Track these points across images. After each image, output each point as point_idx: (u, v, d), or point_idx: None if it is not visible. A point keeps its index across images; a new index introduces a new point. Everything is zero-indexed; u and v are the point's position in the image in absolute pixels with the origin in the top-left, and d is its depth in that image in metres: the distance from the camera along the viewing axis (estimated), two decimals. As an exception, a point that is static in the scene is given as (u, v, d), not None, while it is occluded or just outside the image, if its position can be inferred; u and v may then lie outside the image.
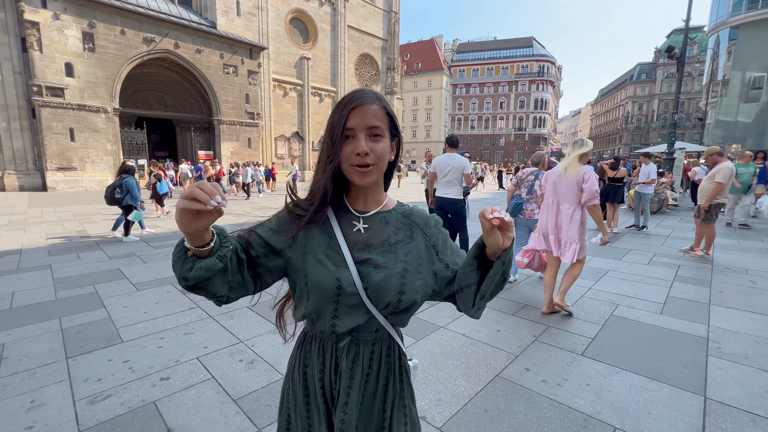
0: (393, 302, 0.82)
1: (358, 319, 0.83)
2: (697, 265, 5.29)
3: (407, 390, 0.94)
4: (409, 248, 0.87)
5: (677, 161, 14.14)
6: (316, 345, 0.88)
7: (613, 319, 3.40)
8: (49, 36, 15.18)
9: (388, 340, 0.90)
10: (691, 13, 12.81)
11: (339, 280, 0.80)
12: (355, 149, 0.79)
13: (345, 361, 0.86)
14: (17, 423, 1.98)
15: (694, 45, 52.01)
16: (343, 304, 0.82)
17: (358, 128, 0.79)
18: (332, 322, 0.83)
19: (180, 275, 0.73)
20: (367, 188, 0.87)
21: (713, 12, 32.19)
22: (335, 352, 0.87)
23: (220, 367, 2.56)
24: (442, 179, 4.95)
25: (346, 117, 0.79)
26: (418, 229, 0.90)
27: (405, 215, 0.92)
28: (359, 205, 0.89)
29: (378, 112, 0.81)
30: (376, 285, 0.81)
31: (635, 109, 64.11)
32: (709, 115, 31.94)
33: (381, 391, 0.88)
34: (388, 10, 30.68)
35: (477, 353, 2.77)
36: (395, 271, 0.82)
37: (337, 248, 0.84)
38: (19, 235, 7.08)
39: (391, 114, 0.85)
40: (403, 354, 0.95)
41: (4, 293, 3.96)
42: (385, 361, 0.89)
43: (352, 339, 0.86)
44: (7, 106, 15.61)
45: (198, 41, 19.37)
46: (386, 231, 0.88)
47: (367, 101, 0.81)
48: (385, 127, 0.82)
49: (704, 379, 2.43)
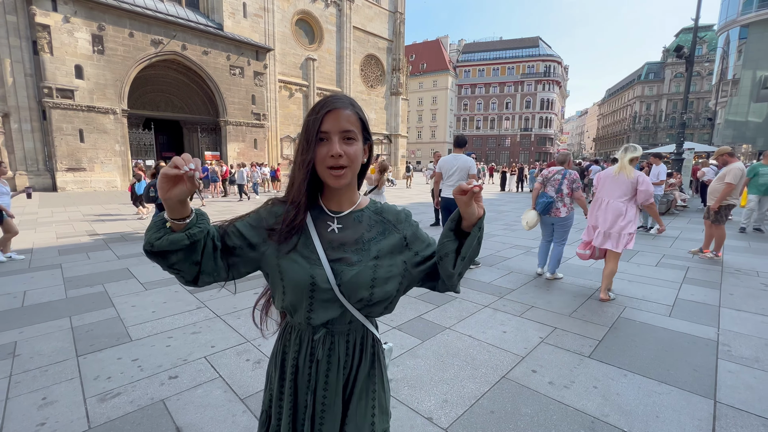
0: (365, 297, 0.87)
1: (332, 313, 0.88)
2: (706, 267, 5.22)
3: (378, 377, 0.97)
4: (381, 245, 0.92)
5: (686, 162, 13.97)
6: (295, 335, 0.94)
7: (620, 321, 3.37)
8: (59, 39, 15.41)
9: (362, 330, 0.95)
10: (700, 11, 12.67)
11: (313, 278, 0.85)
12: (329, 151, 0.83)
13: (321, 351, 0.91)
14: (30, 419, 2.02)
15: (704, 44, 51.35)
16: (317, 299, 0.86)
17: (332, 131, 0.83)
18: (307, 315, 0.88)
19: (147, 240, 0.78)
20: (341, 189, 0.91)
21: (723, 10, 31.78)
22: (311, 342, 0.92)
23: (227, 366, 2.58)
24: (447, 180, 4.93)
25: (321, 120, 0.83)
26: (391, 225, 0.95)
27: (377, 213, 0.97)
28: (333, 206, 0.94)
29: (351, 116, 0.85)
30: (348, 281, 0.86)
31: (643, 108, 63.47)
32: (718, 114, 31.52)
33: (352, 378, 0.94)
34: (394, 11, 30.69)
35: (483, 354, 2.76)
36: (367, 267, 0.87)
37: (312, 247, 0.88)
38: (30, 234, 7.19)
39: (363, 119, 0.90)
40: (377, 341, 0.99)
41: (16, 292, 4.03)
42: (359, 350, 0.94)
43: (327, 330, 0.91)
44: (19, 107, 15.88)
45: (205, 43, 19.54)
46: (360, 229, 0.92)
47: (340, 106, 0.85)
48: (358, 131, 0.87)
49: (714, 383, 2.40)
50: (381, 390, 0.98)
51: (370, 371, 0.96)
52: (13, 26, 15.30)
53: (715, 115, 30.10)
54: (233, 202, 13.56)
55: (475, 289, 4.21)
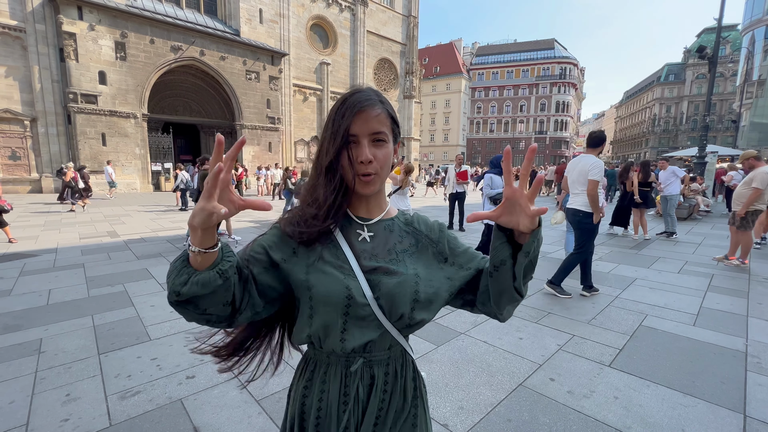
0: (407, 313, 0.75)
1: (370, 334, 0.75)
2: (732, 274, 5.03)
3: (421, 417, 0.84)
4: (416, 256, 0.81)
5: (709, 165, 13.53)
6: (320, 372, 0.79)
7: (641, 329, 3.27)
8: (84, 46, 16.00)
9: (401, 358, 0.82)
10: (723, 11, 12.30)
11: (349, 289, 0.73)
12: (358, 156, 0.74)
13: (361, 387, 0.76)
14: (54, 415, 2.08)
15: (727, 44, 49.81)
16: (352, 316, 0.74)
17: (361, 134, 0.74)
18: (341, 336, 0.74)
19: (172, 288, 0.65)
20: (370, 195, 0.81)
21: (747, 10, 30.81)
22: (345, 378, 0.77)
23: (243, 367, 2.60)
24: (571, 188, 4.30)
25: (350, 122, 0.73)
26: (423, 236, 0.85)
27: (408, 223, 0.87)
28: (362, 212, 0.83)
29: (381, 115, 0.76)
30: (388, 292, 0.74)
31: (663, 111, 61.83)
32: (743, 116, 30.46)
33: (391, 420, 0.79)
34: (407, 14, 30.80)
35: (499, 361, 2.71)
36: (408, 277, 0.76)
37: (343, 257, 0.77)
38: (55, 235, 7.44)
39: (394, 116, 0.80)
40: (418, 373, 0.87)
41: (41, 290, 4.17)
42: (401, 383, 0.81)
43: (364, 360, 0.77)
44: (46, 112, 16.51)
45: (222, 49, 19.97)
46: (391, 239, 0.82)
47: (369, 105, 0.74)
48: (389, 131, 0.77)
49: (743, 396, 2.30)
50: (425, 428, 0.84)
51: (413, 410, 0.81)
52: (41, 35, 15.95)
53: (739, 118, 29.07)
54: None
55: (490, 294, 4.15)
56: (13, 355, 2.74)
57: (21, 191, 16.44)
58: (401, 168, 6.35)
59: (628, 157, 65.52)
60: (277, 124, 22.92)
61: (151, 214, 10.54)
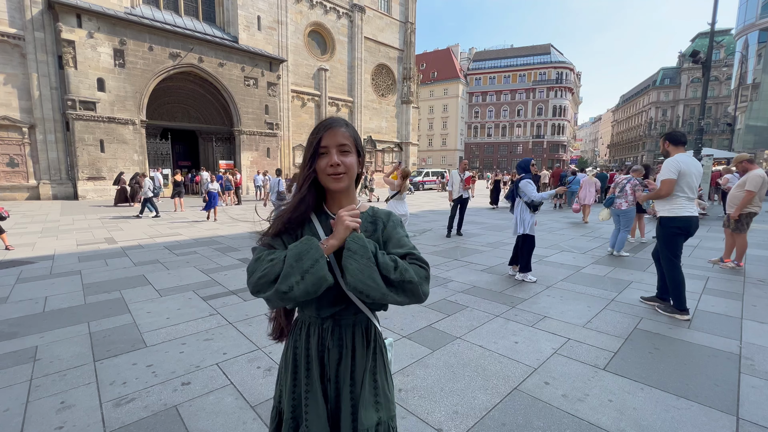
0: None
1: (339, 305, 1.02)
2: (727, 277, 5.06)
3: (381, 367, 1.09)
4: (374, 239, 1.04)
5: (704, 168, 13.62)
6: (305, 329, 1.08)
7: (636, 332, 3.28)
8: (83, 53, 16.08)
9: (366, 322, 1.08)
10: (716, 16, 12.46)
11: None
12: (328, 162, 1.00)
13: (330, 341, 1.04)
14: (48, 423, 2.07)
15: (721, 48, 50.33)
16: (324, 293, 0.95)
17: (330, 145, 1.00)
18: (317, 305, 1.02)
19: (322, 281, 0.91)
20: (341, 194, 1.06)
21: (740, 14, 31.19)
22: (321, 332, 1.06)
23: (238, 373, 2.60)
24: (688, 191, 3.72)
25: (321, 137, 1.00)
26: (381, 222, 1.08)
27: (372, 214, 1.11)
28: (335, 209, 1.07)
29: (345, 133, 1.02)
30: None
31: (659, 114, 62.31)
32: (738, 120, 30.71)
33: (360, 366, 1.05)
34: (405, 21, 31.06)
35: (494, 365, 2.72)
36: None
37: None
38: (52, 241, 7.43)
39: (356, 137, 1.07)
40: (379, 335, 1.12)
41: (38, 297, 4.16)
42: (364, 340, 1.07)
43: (334, 321, 1.05)
44: (44, 119, 16.54)
45: (221, 55, 20.10)
46: (360, 227, 1.03)
47: (337, 125, 1.02)
48: (352, 145, 1.03)
49: (736, 398, 2.31)
50: (385, 379, 1.09)
51: (376, 361, 1.07)
52: (40, 42, 16.03)
53: (734, 121, 29.31)
54: (246, 210, 13.77)
55: (487, 299, 4.16)
56: (8, 362, 2.74)
57: (19, 198, 16.42)
58: (398, 173, 6.39)
59: (625, 161, 65.83)
60: (275, 129, 22.99)
61: (148, 220, 10.53)
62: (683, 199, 3.62)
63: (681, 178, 3.57)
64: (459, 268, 5.47)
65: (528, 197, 4.78)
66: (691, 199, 3.65)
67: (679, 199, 3.63)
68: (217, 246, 7.09)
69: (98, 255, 6.29)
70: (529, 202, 4.79)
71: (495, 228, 9.46)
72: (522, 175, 4.94)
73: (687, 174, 3.56)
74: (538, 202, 4.77)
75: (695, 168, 3.60)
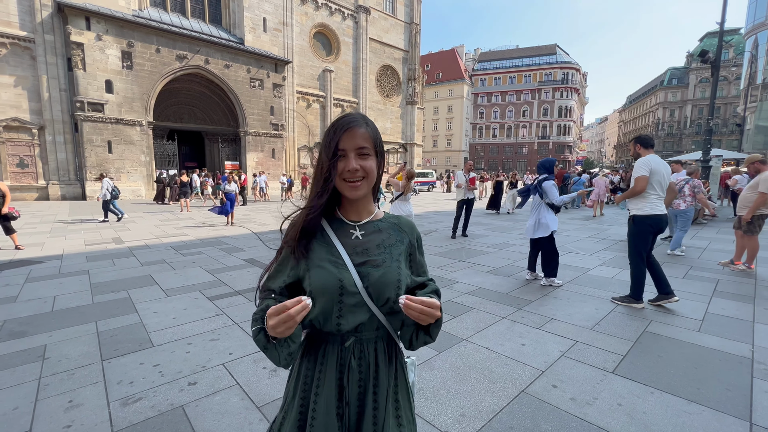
0: (392, 297, 0.90)
1: (361, 317, 0.91)
2: (738, 279, 4.98)
3: (402, 387, 1.00)
4: (400, 249, 0.98)
5: (713, 169, 13.45)
6: (321, 348, 0.95)
7: (645, 335, 3.24)
8: (92, 55, 16.28)
9: (387, 337, 0.98)
10: (725, 15, 12.31)
11: (341, 281, 0.89)
12: (346, 166, 0.90)
13: (353, 360, 0.93)
14: (56, 422, 2.09)
15: (730, 48, 49.69)
16: (346, 304, 0.89)
17: (349, 149, 0.90)
18: (337, 321, 0.91)
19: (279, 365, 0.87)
20: (359, 200, 0.97)
21: (750, 13, 30.80)
22: (341, 353, 0.93)
23: (244, 373, 2.60)
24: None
25: (339, 139, 0.90)
26: (405, 234, 1.01)
27: (395, 223, 1.03)
28: (352, 216, 0.99)
29: (366, 134, 0.91)
30: (376, 282, 0.90)
31: (666, 115, 61.66)
32: (747, 120, 30.29)
33: (382, 386, 0.95)
34: (410, 22, 31.09)
35: (501, 367, 2.70)
36: (392, 268, 0.93)
37: (337, 254, 0.92)
38: (61, 241, 7.52)
39: (377, 137, 0.96)
40: (400, 352, 1.04)
41: (46, 297, 4.21)
42: (386, 357, 0.97)
43: (356, 338, 0.93)
44: (53, 121, 16.76)
45: (227, 57, 20.25)
46: (380, 237, 0.98)
47: (355, 125, 0.91)
48: (372, 147, 0.93)
49: (749, 404, 2.27)
50: (407, 400, 1.01)
51: (397, 380, 0.99)
52: (50, 45, 16.26)
53: (744, 121, 28.91)
54: (251, 210, 13.82)
55: (493, 300, 4.13)
56: (17, 361, 2.76)
57: (28, 198, 16.64)
58: (403, 174, 6.40)
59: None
60: (280, 130, 23.11)
61: (155, 220, 10.62)
62: (654, 198, 3.88)
63: (652, 176, 3.84)
64: (465, 270, 5.44)
65: (550, 199, 4.71)
66: (661, 198, 3.91)
67: (651, 197, 3.88)
68: (222, 246, 7.12)
69: (106, 255, 6.35)
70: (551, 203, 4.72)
71: (500, 229, 9.41)
72: (546, 175, 4.80)
73: (657, 172, 3.84)
74: (560, 204, 4.73)
75: (664, 168, 3.91)
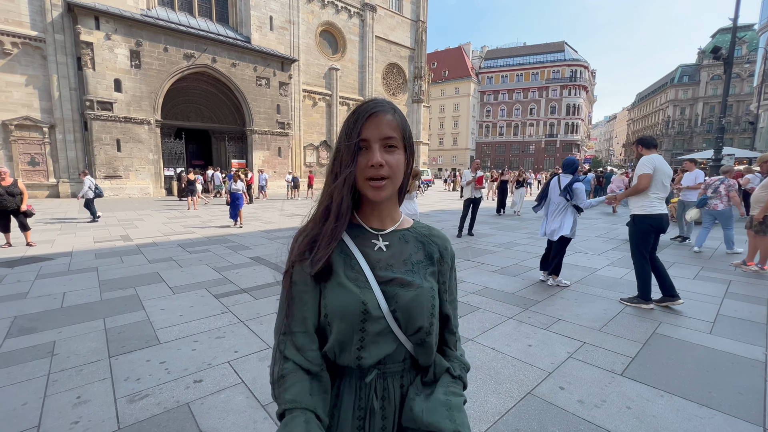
0: (425, 326, 0.74)
1: (387, 348, 0.74)
2: (751, 280, 4.88)
3: None
4: (431, 269, 0.81)
5: (725, 168, 13.21)
6: (334, 387, 0.77)
7: (655, 337, 3.18)
8: (101, 55, 16.45)
9: (414, 371, 0.79)
10: (739, 10, 12.05)
11: (365, 304, 0.72)
12: (369, 161, 0.72)
13: (375, 399, 0.75)
14: (65, 417, 2.11)
15: (743, 44, 48.74)
16: (369, 332, 0.72)
17: (373, 139, 0.73)
18: (358, 354, 0.73)
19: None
20: (382, 204, 0.80)
21: (764, 9, 30.12)
22: (359, 391, 0.75)
23: (249, 371, 2.61)
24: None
25: (362, 126, 0.73)
26: (437, 252, 0.83)
27: (425, 235, 0.85)
28: (374, 223, 0.82)
29: (393, 122, 0.75)
30: (405, 306, 0.73)
31: (677, 113, 60.69)
32: (761, 118, 29.67)
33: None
34: (416, 19, 30.93)
35: (507, 369, 2.67)
36: (425, 290, 0.75)
37: (358, 268, 0.76)
38: (70, 238, 7.62)
39: (405, 127, 0.79)
40: None
41: (56, 293, 4.26)
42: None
43: (378, 372, 0.75)
44: (63, 119, 16.98)
45: (233, 56, 20.33)
46: (407, 250, 0.81)
47: (382, 110, 0.75)
48: (400, 139, 0.76)
49: (763, 408, 2.22)
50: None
51: None
52: (60, 44, 16.46)
53: (757, 119, 28.30)
54: (257, 209, 13.89)
55: (499, 300, 4.10)
56: (27, 357, 2.80)
57: (39, 196, 16.89)
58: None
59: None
60: (286, 129, 23.16)
61: (162, 218, 10.72)
62: (655, 198, 3.84)
63: (656, 174, 3.81)
64: (470, 269, 5.41)
65: (579, 202, 4.58)
66: (662, 198, 3.86)
67: (652, 197, 3.85)
68: (229, 244, 7.16)
69: (114, 252, 6.42)
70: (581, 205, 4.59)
71: (507, 228, 9.34)
72: (573, 176, 4.64)
73: (660, 171, 3.82)
74: (587, 208, 4.67)
75: (666, 167, 3.88)
